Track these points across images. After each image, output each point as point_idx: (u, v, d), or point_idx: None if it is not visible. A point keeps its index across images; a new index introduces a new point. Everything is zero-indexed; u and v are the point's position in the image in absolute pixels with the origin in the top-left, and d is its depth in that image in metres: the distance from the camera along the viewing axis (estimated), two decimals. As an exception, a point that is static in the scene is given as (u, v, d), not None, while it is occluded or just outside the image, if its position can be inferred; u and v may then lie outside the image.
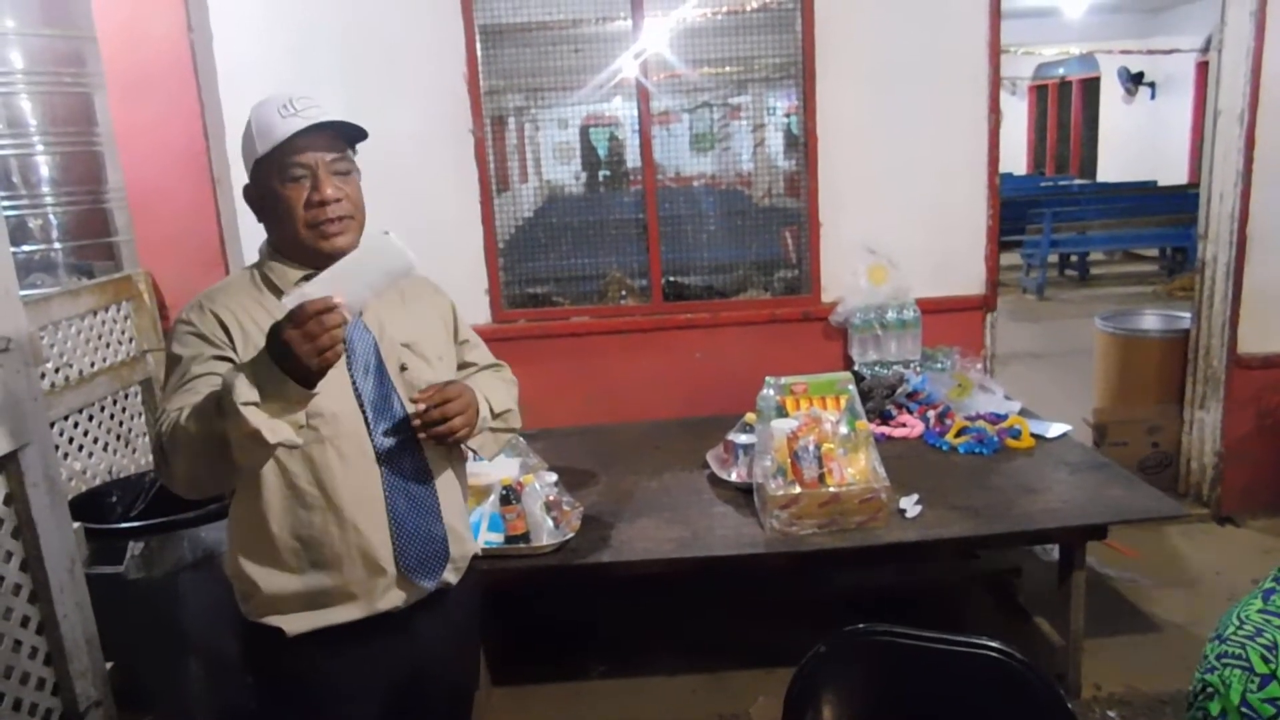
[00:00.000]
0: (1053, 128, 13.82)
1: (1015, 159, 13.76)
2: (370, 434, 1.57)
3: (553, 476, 2.67)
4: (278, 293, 1.55)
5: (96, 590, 2.34)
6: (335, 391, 1.50)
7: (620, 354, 3.68)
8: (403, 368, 1.62)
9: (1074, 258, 9.85)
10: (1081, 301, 8.35)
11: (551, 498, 2.56)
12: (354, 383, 1.56)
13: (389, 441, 1.59)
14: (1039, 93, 13.94)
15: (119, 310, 3.19)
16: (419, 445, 1.61)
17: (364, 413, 1.57)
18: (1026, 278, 9.23)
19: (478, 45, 3.53)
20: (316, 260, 1.52)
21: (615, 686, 2.87)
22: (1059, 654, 2.70)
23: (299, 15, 3.42)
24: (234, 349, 1.52)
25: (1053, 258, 9.46)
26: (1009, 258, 9.43)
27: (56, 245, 3.14)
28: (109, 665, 2.34)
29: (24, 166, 3.06)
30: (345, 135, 1.55)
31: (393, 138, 3.46)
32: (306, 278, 1.49)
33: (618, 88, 3.89)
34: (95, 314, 3.06)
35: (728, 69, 4.56)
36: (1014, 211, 8.70)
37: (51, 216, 3.12)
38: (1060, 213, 9.29)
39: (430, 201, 3.53)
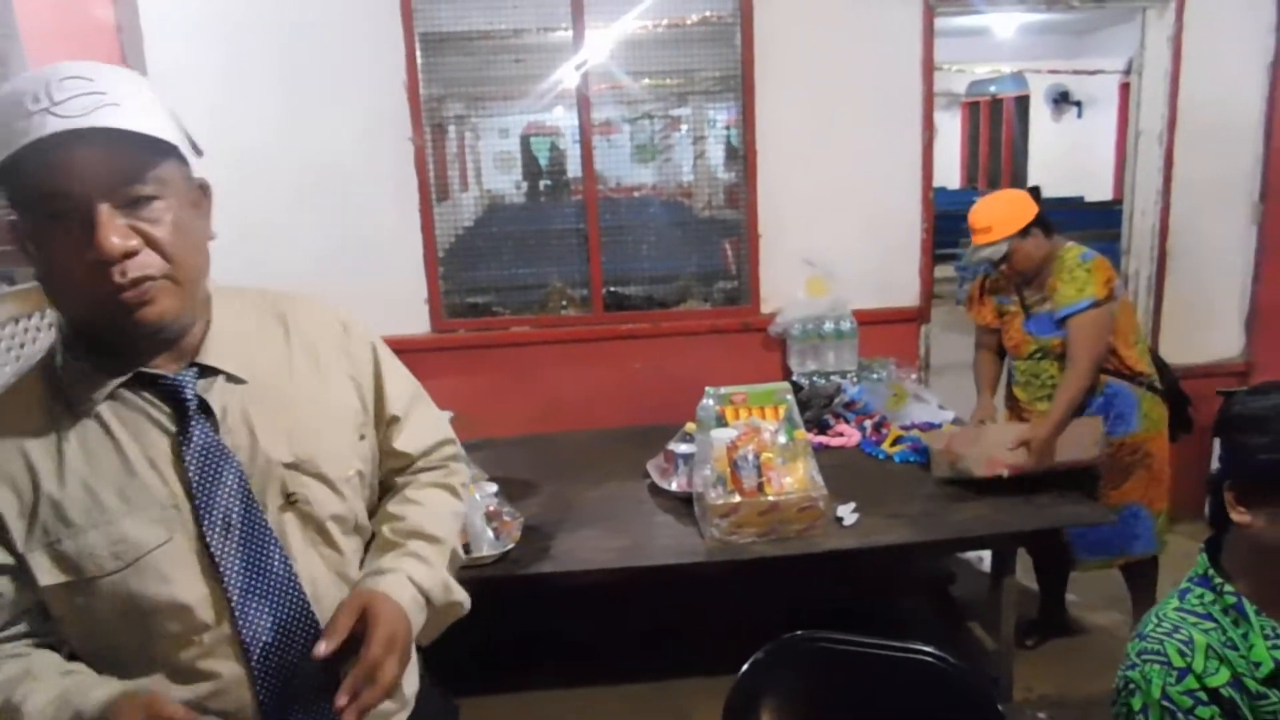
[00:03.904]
0: (985, 143, 14.17)
1: (949, 173, 14.07)
2: (237, 626, 1.03)
3: (493, 487, 2.66)
4: (69, 411, 1.02)
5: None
6: (179, 571, 1.01)
7: (561, 364, 3.68)
8: (290, 499, 1.08)
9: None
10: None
11: (492, 508, 2.55)
12: (208, 549, 1.02)
13: (269, 635, 1.04)
14: (972, 109, 14.29)
15: (42, 318, 3.09)
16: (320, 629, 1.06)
17: (226, 597, 1.03)
18: (960, 289, 9.44)
19: (418, 53, 3.51)
20: (125, 347, 1.01)
21: (560, 697, 2.86)
22: (992, 658, 2.76)
23: (234, 18, 3.36)
24: (3, 528, 0.99)
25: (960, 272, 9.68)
26: (942, 270, 9.63)
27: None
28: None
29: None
30: (148, 144, 0.94)
31: (331, 145, 3.42)
32: (134, 379, 1.02)
33: (559, 98, 3.90)
34: (16, 322, 2.96)
35: (669, 81, 4.60)
36: (948, 225, 8.86)
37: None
38: (992, 227, 9.49)
39: (369, 210, 3.48)
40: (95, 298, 0.95)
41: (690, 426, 2.91)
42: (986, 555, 3.02)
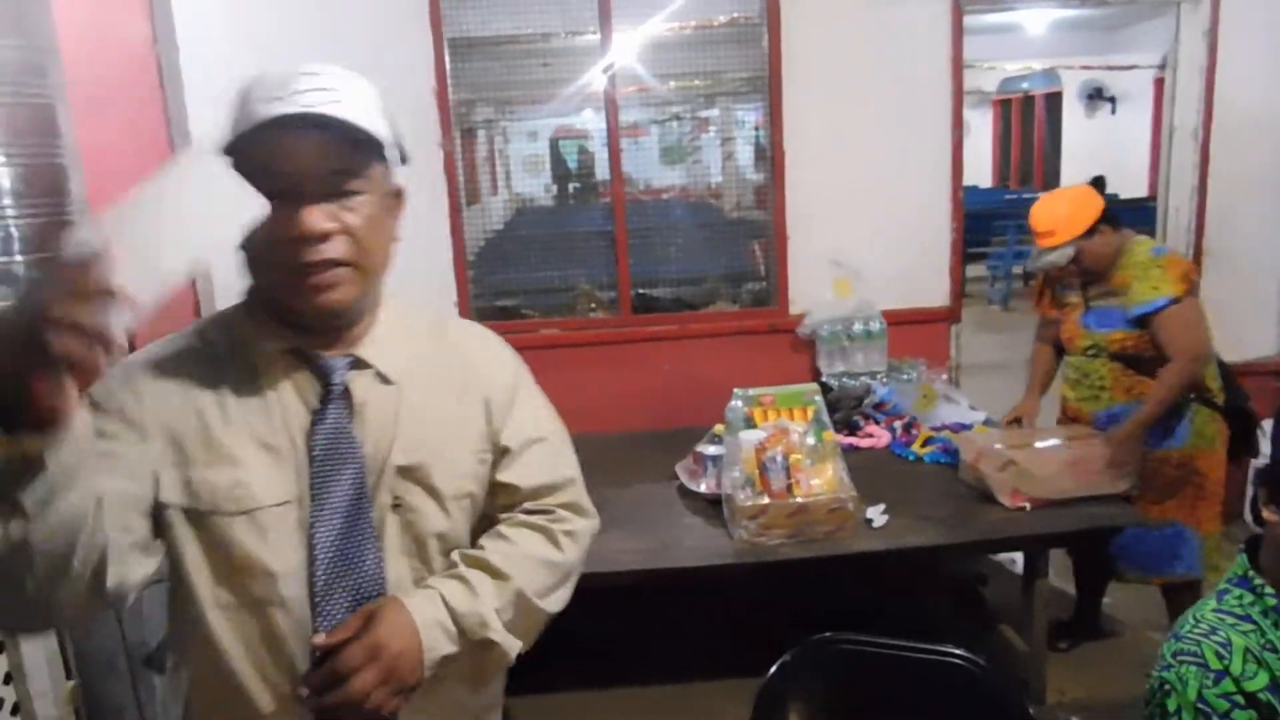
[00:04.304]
0: (1016, 141, 14.03)
1: (980, 172, 13.95)
2: (315, 610, 1.05)
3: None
4: (232, 363, 1.09)
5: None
6: (280, 537, 1.05)
7: (589, 366, 3.69)
8: (395, 504, 1.10)
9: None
10: (1045, 313, 8.46)
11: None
12: (310, 528, 1.06)
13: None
14: (1003, 107, 14.15)
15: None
16: None
17: (312, 579, 1.05)
18: (991, 289, 9.35)
19: (446, 58, 3.54)
20: (297, 320, 1.08)
21: (585, 698, 2.87)
22: (1023, 660, 2.73)
23: (266, 27, 3.41)
24: (143, 443, 1.04)
25: (1017, 269, 9.59)
26: (974, 269, 9.55)
27: (18, 257, 3.10)
28: (70, 684, 2.31)
29: (-16, 178, 3.02)
30: (362, 141, 1.03)
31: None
32: (293, 352, 1.09)
33: (587, 101, 3.91)
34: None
35: (696, 83, 4.60)
36: (979, 224, 8.82)
37: (12, 229, 3.07)
38: (1024, 224, 9.39)
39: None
40: (285, 270, 1.03)
41: (719, 428, 2.91)
42: (1019, 557, 2.99)
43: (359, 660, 0.99)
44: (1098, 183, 2.81)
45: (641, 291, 3.89)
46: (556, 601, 1.19)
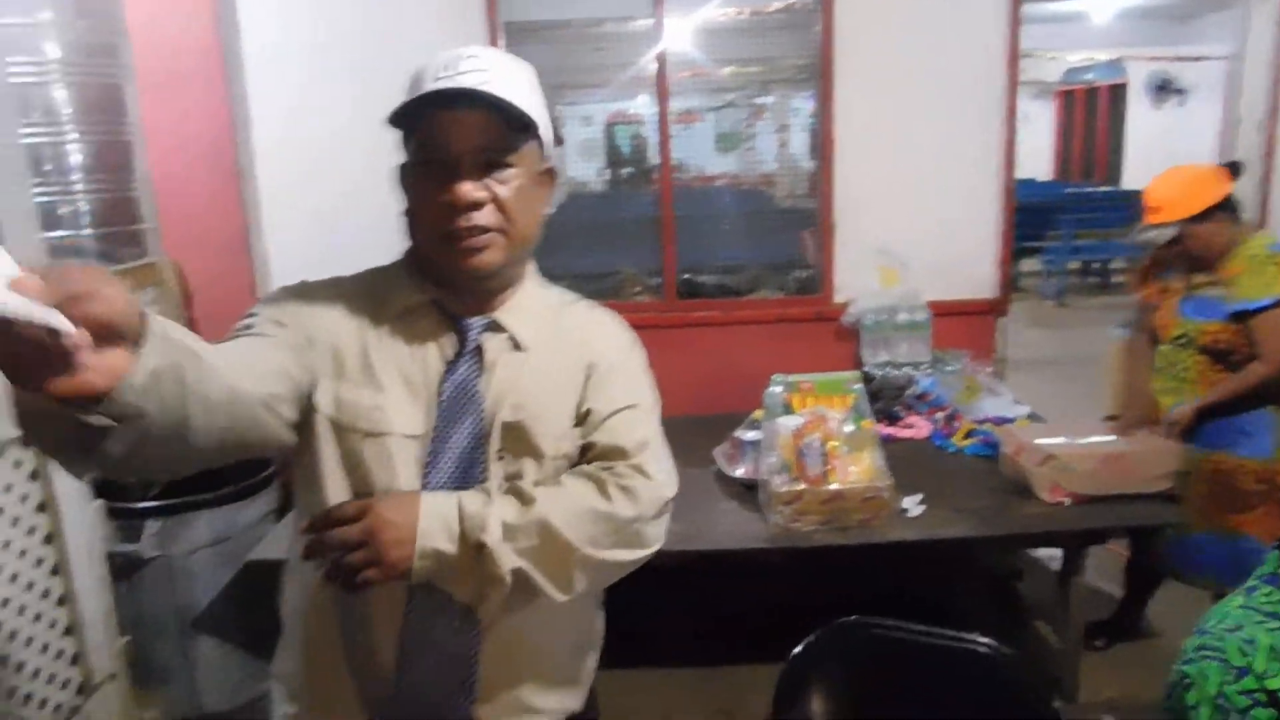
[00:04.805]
0: (1079, 134, 13.72)
1: (1039, 165, 13.67)
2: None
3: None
4: (387, 307, 1.20)
5: (114, 567, 2.41)
6: (401, 468, 1.15)
7: (633, 350, 3.71)
8: (500, 455, 1.18)
9: (1096, 265, 9.79)
10: (1101, 309, 8.32)
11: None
12: (427, 465, 1.15)
13: None
14: (1066, 98, 13.84)
15: (144, 296, 3.27)
16: None
17: None
18: (1046, 284, 9.19)
19: (501, 42, 3.58)
20: (447, 280, 1.19)
21: (611, 676, 2.90)
22: (1057, 658, 2.72)
23: (325, 10, 3.48)
24: (310, 348, 1.15)
25: (1074, 264, 9.41)
26: (1029, 264, 9.39)
27: (85, 231, 3.22)
28: (124, 640, 2.41)
29: (56, 154, 3.14)
30: (516, 121, 1.13)
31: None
32: (437, 307, 1.20)
33: (641, 86, 3.93)
34: (120, 299, 3.14)
35: (752, 69, 4.59)
36: (1035, 217, 8.67)
37: (81, 204, 3.19)
38: (1083, 219, 9.24)
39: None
40: (440, 234, 1.14)
41: (757, 414, 2.93)
42: (1058, 553, 2.97)
43: (349, 514, 1.06)
44: (1234, 167, 2.68)
45: (687, 277, 3.91)
46: (603, 548, 1.15)
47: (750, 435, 2.89)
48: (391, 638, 1.15)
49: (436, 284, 1.21)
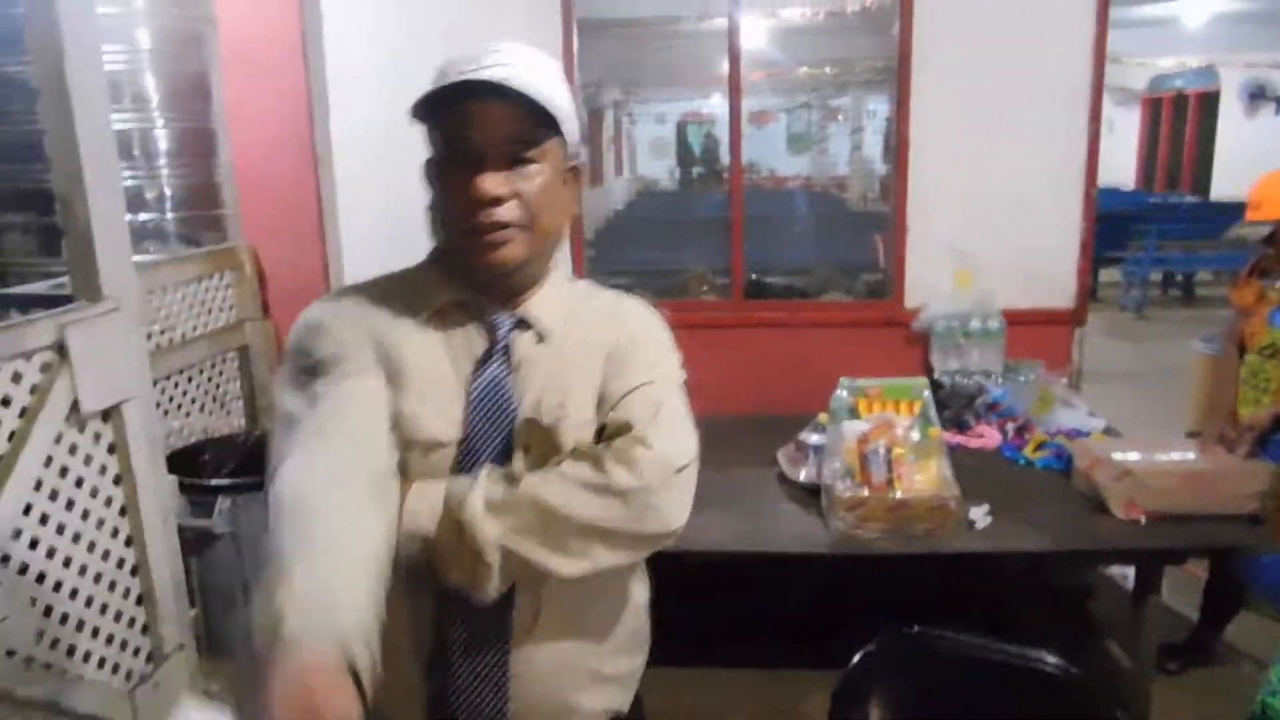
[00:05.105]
0: (1166, 142, 13.30)
1: (1124, 173, 13.29)
2: None
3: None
4: (414, 309, 1.18)
5: (185, 541, 2.48)
6: (436, 473, 1.14)
7: (697, 348, 3.64)
8: (526, 450, 1.17)
9: (1179, 277, 9.49)
10: (1183, 322, 8.04)
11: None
12: (461, 472, 1.14)
13: None
14: (1153, 106, 13.42)
15: (221, 279, 3.36)
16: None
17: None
18: (1126, 295, 8.93)
19: (575, 38, 3.59)
20: (472, 276, 1.18)
21: (666, 674, 2.89)
22: (1128, 680, 2.63)
23: (405, 2, 3.53)
24: (374, 376, 1.14)
25: (1156, 276, 9.12)
26: (1109, 274, 9.13)
27: (169, 215, 3.32)
28: (193, 612, 2.48)
29: (144, 139, 3.25)
30: (542, 116, 1.11)
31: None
32: (465, 305, 1.18)
33: (715, 85, 3.91)
34: (199, 281, 3.23)
35: (827, 70, 4.54)
36: (1117, 226, 8.42)
37: (166, 188, 3.30)
38: (1167, 229, 8.97)
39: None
40: (463, 229, 1.13)
41: (822, 417, 2.89)
42: (1130, 571, 2.87)
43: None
44: None
45: (755, 277, 3.88)
46: (606, 520, 1.11)
47: (814, 438, 2.85)
48: (422, 644, 1.15)
49: (465, 282, 1.19)
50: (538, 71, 1.12)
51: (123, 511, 2.28)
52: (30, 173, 2.79)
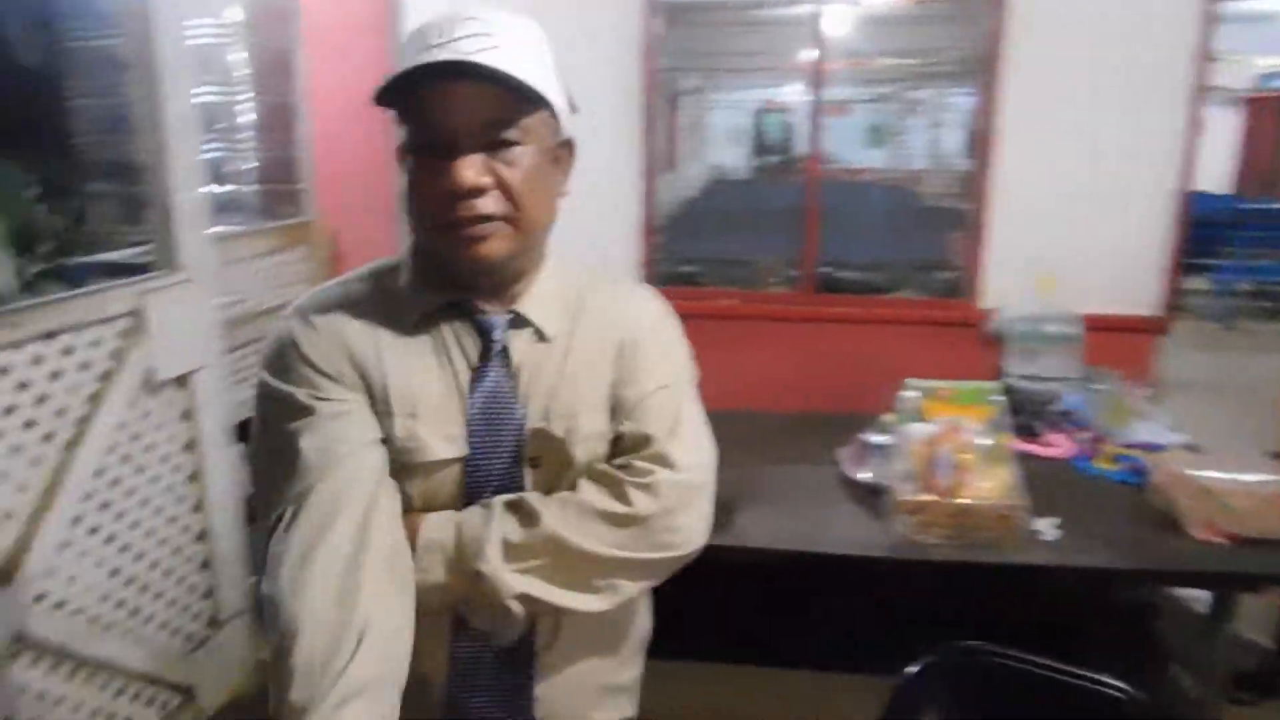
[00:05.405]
0: (1267, 145, 12.72)
1: (1216, 176, 12.76)
2: None
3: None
4: (396, 318, 1.09)
5: (248, 510, 2.53)
6: (443, 488, 1.08)
7: (762, 341, 3.66)
8: (534, 462, 1.10)
9: (1273, 287, 9.09)
10: (1275, 335, 7.72)
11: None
12: (467, 486, 1.08)
13: None
14: (1254, 106, 12.85)
15: (296, 253, 3.42)
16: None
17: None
18: (1213, 304, 8.58)
19: (655, 21, 3.55)
20: (454, 275, 1.07)
21: (712, 670, 2.87)
22: (1196, 708, 2.53)
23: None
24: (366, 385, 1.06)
25: (1247, 286, 8.75)
26: (1197, 282, 8.78)
27: (249, 188, 3.39)
28: (252, 581, 2.53)
29: (228, 114, 3.32)
30: (522, 89, 0.98)
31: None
32: (454, 307, 1.09)
33: (793, 74, 3.85)
34: (274, 255, 3.30)
35: (909, 61, 4.43)
36: (1207, 233, 8.09)
37: (248, 161, 3.37)
38: (1262, 237, 8.59)
39: (590, 174, 3.58)
40: (439, 224, 1.01)
41: (888, 417, 2.83)
42: (1204, 595, 2.76)
43: None
44: None
45: (827, 271, 3.82)
46: (629, 550, 1.07)
47: (879, 439, 2.80)
48: (442, 667, 1.10)
49: (448, 282, 1.08)
50: (518, 40, 1.00)
51: (192, 478, 2.34)
52: (118, 144, 2.87)
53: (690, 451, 1.13)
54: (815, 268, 3.71)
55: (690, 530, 1.12)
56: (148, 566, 2.21)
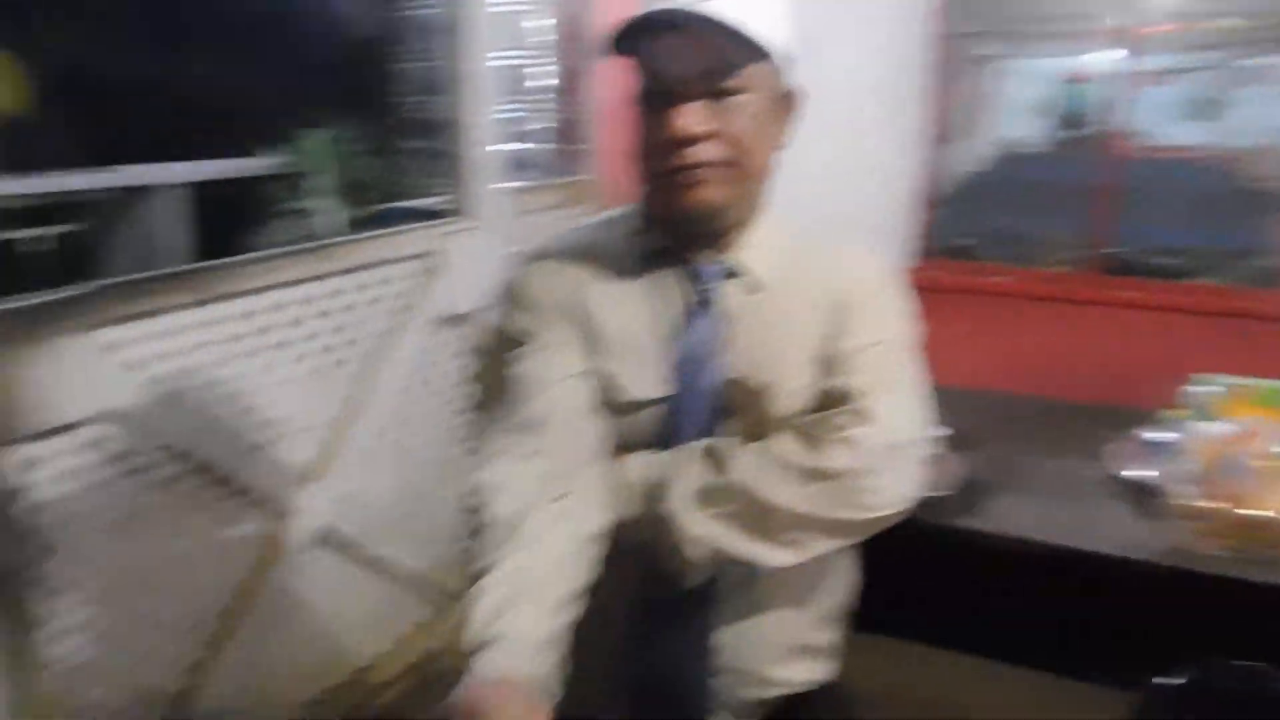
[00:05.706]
0: None
1: None
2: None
3: (938, 431, 2.63)
4: (628, 266, 1.12)
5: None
6: (643, 432, 1.11)
7: (1037, 322, 3.46)
8: (732, 412, 1.13)
9: None
10: None
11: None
12: (668, 430, 1.11)
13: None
14: None
15: (577, 209, 3.64)
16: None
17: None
18: None
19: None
20: (673, 223, 1.10)
21: (938, 655, 2.79)
22: None
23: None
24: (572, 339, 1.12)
25: None
26: None
27: (543, 146, 3.65)
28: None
29: (525, 76, 3.58)
30: (744, 40, 1.00)
31: (831, 70, 3.48)
32: (669, 254, 1.12)
33: (1102, 40, 3.58)
34: (558, 209, 3.53)
35: (1238, 23, 3.99)
36: None
37: (544, 122, 3.62)
38: None
39: (864, 141, 3.51)
40: (659, 171, 1.06)
41: (1172, 414, 2.61)
42: None
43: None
44: None
45: (1117, 253, 3.54)
46: (822, 508, 1.06)
47: (1159, 435, 2.59)
48: (625, 606, 1.13)
49: (668, 230, 1.11)
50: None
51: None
52: (433, 104, 3.19)
53: (898, 411, 1.12)
54: (1104, 248, 3.45)
55: (889, 492, 1.09)
56: (434, 480, 2.48)
